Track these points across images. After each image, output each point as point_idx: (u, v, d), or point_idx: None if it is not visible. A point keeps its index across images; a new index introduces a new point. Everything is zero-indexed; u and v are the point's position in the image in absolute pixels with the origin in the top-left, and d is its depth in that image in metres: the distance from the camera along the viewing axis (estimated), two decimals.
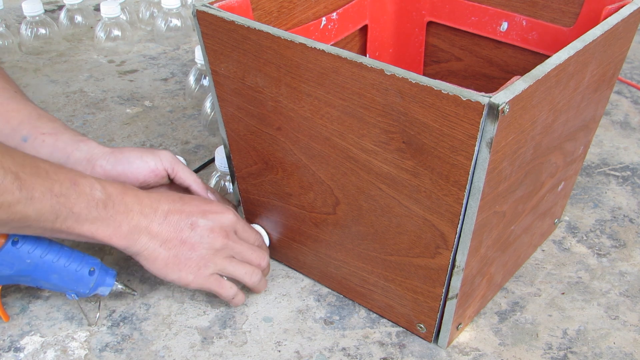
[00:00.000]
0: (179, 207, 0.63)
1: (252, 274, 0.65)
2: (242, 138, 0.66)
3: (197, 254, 0.63)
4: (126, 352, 0.63)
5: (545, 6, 0.70)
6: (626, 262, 0.74)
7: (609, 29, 0.57)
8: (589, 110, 0.64)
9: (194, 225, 0.63)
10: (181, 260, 0.62)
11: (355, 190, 0.59)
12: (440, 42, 0.81)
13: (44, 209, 0.55)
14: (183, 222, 0.62)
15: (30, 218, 0.55)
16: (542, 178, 0.62)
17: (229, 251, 0.64)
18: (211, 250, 0.63)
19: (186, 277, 0.63)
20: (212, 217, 0.64)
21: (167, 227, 0.62)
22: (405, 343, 0.64)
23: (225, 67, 0.61)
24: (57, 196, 0.56)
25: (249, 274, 0.65)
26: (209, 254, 0.63)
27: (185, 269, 0.63)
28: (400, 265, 0.60)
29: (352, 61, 0.51)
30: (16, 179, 0.53)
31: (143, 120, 0.99)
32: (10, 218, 0.54)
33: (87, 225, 0.58)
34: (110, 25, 1.17)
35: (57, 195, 0.56)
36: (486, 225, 0.55)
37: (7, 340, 0.64)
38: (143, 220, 0.61)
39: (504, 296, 0.70)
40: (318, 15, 0.73)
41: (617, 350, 0.64)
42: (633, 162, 0.92)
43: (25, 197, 0.53)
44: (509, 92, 0.46)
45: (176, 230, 0.62)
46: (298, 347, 0.64)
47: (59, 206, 0.56)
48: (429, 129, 0.50)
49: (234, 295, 0.65)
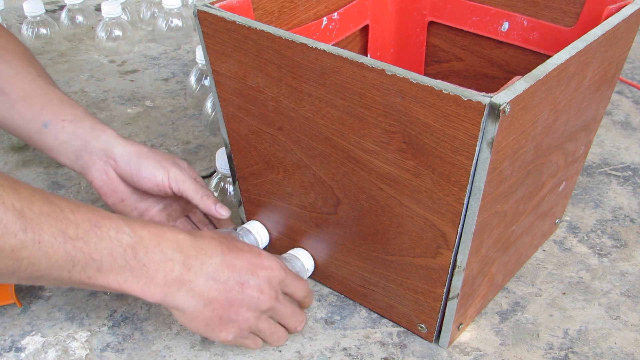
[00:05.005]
0: (229, 261, 0.56)
1: (279, 339, 0.61)
2: (243, 138, 0.66)
3: (243, 317, 0.57)
4: (127, 352, 0.63)
5: (546, 6, 0.70)
6: (627, 262, 0.74)
7: (610, 29, 0.57)
8: (590, 110, 0.64)
9: (244, 285, 0.56)
10: (224, 321, 0.56)
11: (356, 190, 0.59)
12: (441, 42, 0.81)
13: (56, 256, 0.47)
14: (233, 281, 0.55)
15: (41, 266, 0.47)
16: (543, 178, 0.62)
17: (272, 313, 0.59)
18: (257, 313, 0.57)
19: (226, 336, 0.57)
20: (263, 275, 0.57)
21: (215, 285, 0.54)
22: (406, 343, 0.64)
23: (226, 67, 0.61)
24: (73, 240, 0.47)
25: (276, 339, 0.60)
26: (253, 316, 0.57)
27: (226, 329, 0.57)
28: (401, 265, 0.60)
29: (353, 61, 0.51)
30: (20, 217, 0.45)
31: (144, 120, 0.99)
32: (16, 266, 0.46)
33: (112, 275, 0.50)
34: (111, 25, 1.17)
35: (72, 238, 0.47)
36: (487, 225, 0.55)
37: (8, 340, 0.64)
38: (186, 274, 0.53)
39: (505, 296, 0.70)
40: (319, 15, 0.73)
41: (618, 350, 0.64)
42: (634, 162, 0.92)
43: (31, 240, 0.45)
44: (510, 92, 0.46)
45: (225, 290, 0.55)
46: (299, 347, 0.64)
47: (75, 252, 0.48)
48: (430, 129, 0.50)
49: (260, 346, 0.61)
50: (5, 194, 0.45)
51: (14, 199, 0.45)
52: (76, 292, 0.69)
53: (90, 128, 0.67)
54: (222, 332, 0.57)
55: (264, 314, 0.59)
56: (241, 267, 0.56)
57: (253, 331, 0.59)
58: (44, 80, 0.69)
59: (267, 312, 0.59)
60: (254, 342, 0.60)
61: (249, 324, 0.58)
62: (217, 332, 0.57)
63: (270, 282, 0.58)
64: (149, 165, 0.67)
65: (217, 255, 0.55)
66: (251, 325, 0.58)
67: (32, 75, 0.69)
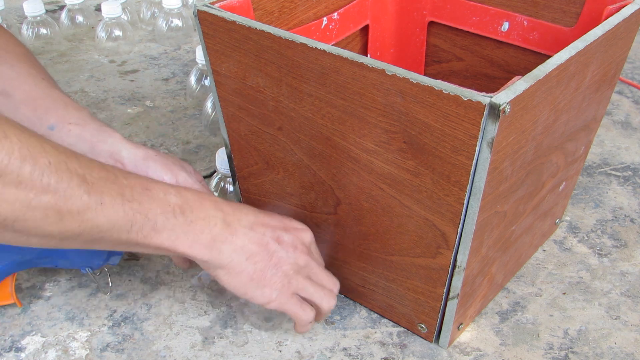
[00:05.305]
0: (262, 220, 0.59)
1: (329, 298, 0.61)
2: (243, 138, 0.66)
3: (282, 270, 0.58)
4: (127, 352, 0.63)
5: (546, 6, 0.70)
6: (627, 262, 0.74)
7: (610, 29, 0.57)
8: (590, 110, 0.64)
9: (279, 240, 0.59)
10: (267, 275, 0.58)
11: (356, 190, 0.59)
12: (441, 42, 0.81)
13: (116, 216, 0.50)
14: (269, 236, 0.58)
15: (103, 227, 0.50)
16: (543, 178, 0.62)
17: (309, 271, 0.61)
18: (295, 267, 0.59)
19: (270, 294, 0.58)
20: (296, 234, 0.60)
21: (254, 239, 0.58)
22: (406, 343, 0.64)
23: (226, 67, 0.61)
24: (130, 201, 0.51)
25: (326, 298, 0.61)
26: (292, 271, 0.59)
27: (269, 285, 0.58)
28: (402, 265, 0.60)
29: (353, 61, 0.51)
30: (83, 182, 0.48)
31: (144, 120, 0.99)
32: (81, 228, 0.49)
33: (165, 233, 0.53)
34: (111, 25, 1.17)
35: (129, 200, 0.51)
36: (487, 225, 0.55)
37: (8, 340, 0.64)
38: (226, 229, 0.56)
39: (505, 296, 0.70)
40: (319, 15, 0.73)
41: (619, 351, 0.64)
42: (634, 162, 0.92)
43: (94, 202, 0.48)
44: (510, 92, 0.46)
45: (263, 244, 0.58)
46: (299, 347, 0.64)
47: (133, 212, 0.51)
48: (430, 129, 0.50)
49: (311, 320, 0.61)
50: (69, 161, 0.48)
51: (77, 165, 0.48)
52: (76, 292, 0.69)
53: (96, 131, 0.67)
54: (265, 289, 0.58)
55: (301, 270, 0.60)
56: (275, 225, 0.60)
57: (296, 291, 0.59)
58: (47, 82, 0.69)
59: (304, 268, 0.60)
60: (301, 307, 0.60)
61: (289, 279, 0.59)
62: (260, 289, 0.58)
63: (302, 240, 0.61)
64: (157, 169, 0.67)
65: (251, 213, 0.59)
66: (292, 280, 0.59)
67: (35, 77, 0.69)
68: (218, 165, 0.77)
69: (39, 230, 0.48)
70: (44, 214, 0.47)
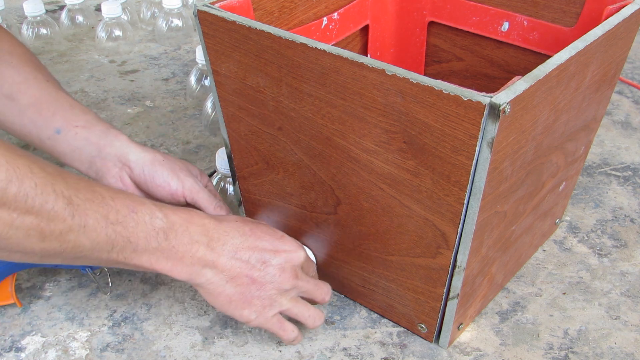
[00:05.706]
0: (251, 243, 0.59)
1: (315, 318, 0.62)
2: (243, 138, 0.66)
3: (265, 293, 0.59)
4: (127, 352, 0.63)
5: (546, 6, 0.70)
6: (627, 262, 0.74)
7: (610, 29, 0.57)
8: (590, 110, 0.64)
9: (265, 264, 0.59)
10: (247, 298, 0.58)
11: (356, 190, 0.59)
12: (441, 42, 0.81)
13: (98, 238, 0.51)
14: (254, 259, 0.58)
15: (85, 248, 0.51)
16: (543, 178, 0.62)
17: (297, 292, 0.61)
18: (280, 290, 0.59)
19: (249, 315, 0.59)
20: (285, 256, 0.60)
21: (237, 263, 0.58)
22: (406, 343, 0.64)
23: (226, 67, 0.61)
24: (114, 224, 0.52)
25: (311, 318, 0.62)
26: (276, 294, 0.59)
27: (249, 307, 0.59)
28: (402, 265, 0.60)
29: (353, 61, 0.51)
30: (68, 204, 0.49)
31: (144, 120, 0.99)
32: (62, 248, 0.50)
33: (145, 256, 0.54)
34: (111, 25, 1.17)
35: (113, 223, 0.52)
36: (487, 225, 0.55)
37: (8, 340, 0.64)
38: (210, 254, 0.57)
39: (505, 296, 0.70)
40: (319, 15, 0.73)
41: (619, 351, 0.64)
42: (634, 162, 0.92)
43: (78, 224, 0.49)
44: (510, 92, 0.46)
45: (246, 268, 0.58)
46: (299, 347, 0.64)
47: (115, 235, 0.52)
48: (430, 129, 0.50)
49: (294, 338, 0.62)
50: (56, 182, 0.49)
51: (63, 187, 0.49)
52: (76, 292, 0.69)
53: (103, 134, 0.67)
54: (244, 310, 0.59)
55: (286, 292, 0.60)
56: (263, 248, 0.59)
57: (280, 311, 0.60)
58: (52, 85, 0.69)
59: (290, 291, 0.60)
60: (281, 327, 0.60)
61: (272, 301, 0.59)
62: (239, 310, 0.59)
63: (291, 262, 0.60)
64: (163, 174, 0.67)
65: (238, 236, 0.59)
66: (274, 303, 0.59)
67: (40, 80, 0.69)
68: (218, 165, 0.77)
69: (20, 247, 0.48)
70: (26, 233, 0.47)
